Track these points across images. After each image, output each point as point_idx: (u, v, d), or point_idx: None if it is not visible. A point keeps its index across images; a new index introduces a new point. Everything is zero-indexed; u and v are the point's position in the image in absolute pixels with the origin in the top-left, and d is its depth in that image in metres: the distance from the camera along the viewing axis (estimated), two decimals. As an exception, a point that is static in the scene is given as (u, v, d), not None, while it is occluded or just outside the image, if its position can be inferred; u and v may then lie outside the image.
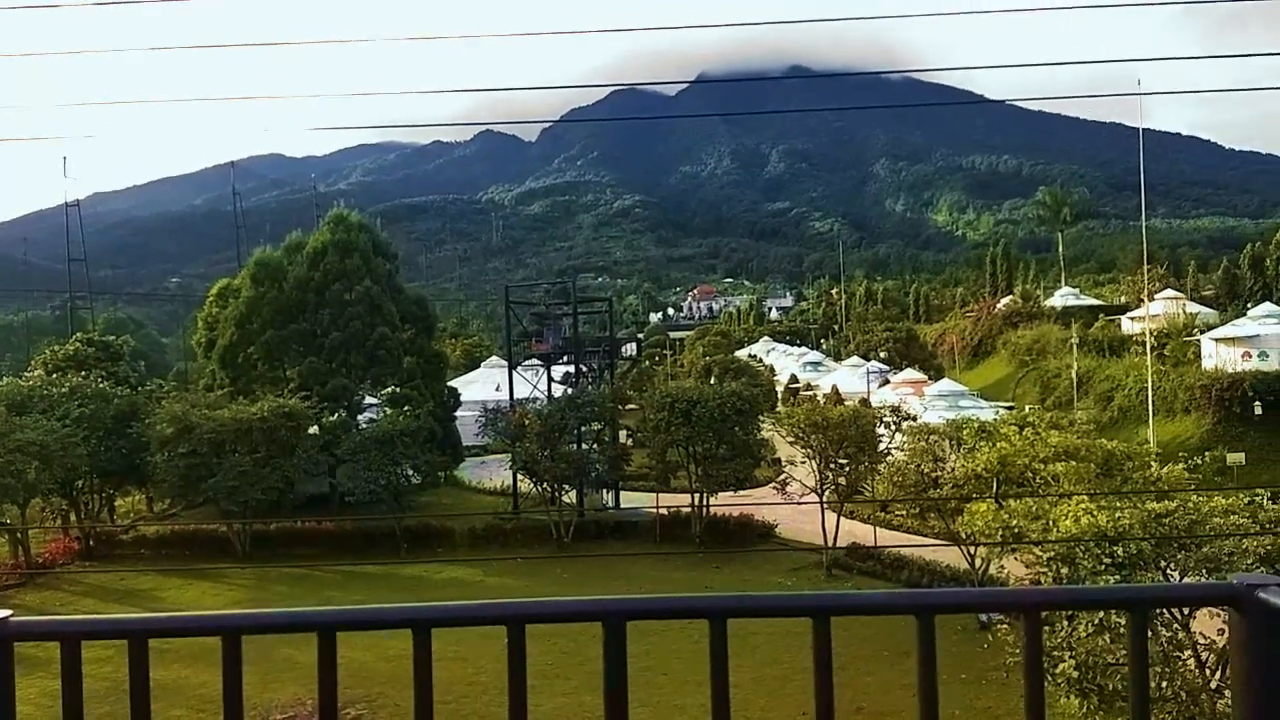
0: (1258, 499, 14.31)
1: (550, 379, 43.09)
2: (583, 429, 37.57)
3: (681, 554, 32.02)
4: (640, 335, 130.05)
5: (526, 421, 35.95)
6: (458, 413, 47.16)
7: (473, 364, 75.44)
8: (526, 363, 46.25)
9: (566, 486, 36.83)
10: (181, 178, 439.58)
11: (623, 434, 40.04)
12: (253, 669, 1.80)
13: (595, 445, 37.94)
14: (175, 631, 1.73)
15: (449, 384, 49.98)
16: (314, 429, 37.42)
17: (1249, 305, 54.03)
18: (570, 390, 40.13)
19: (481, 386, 59.40)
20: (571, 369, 43.38)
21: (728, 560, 31.88)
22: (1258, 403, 40.29)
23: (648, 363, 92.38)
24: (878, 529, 32.88)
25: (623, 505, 39.31)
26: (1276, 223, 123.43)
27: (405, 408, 40.97)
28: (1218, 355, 45.54)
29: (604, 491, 39.83)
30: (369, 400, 43.36)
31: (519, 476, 38.02)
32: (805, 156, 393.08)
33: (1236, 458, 35.40)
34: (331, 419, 39.79)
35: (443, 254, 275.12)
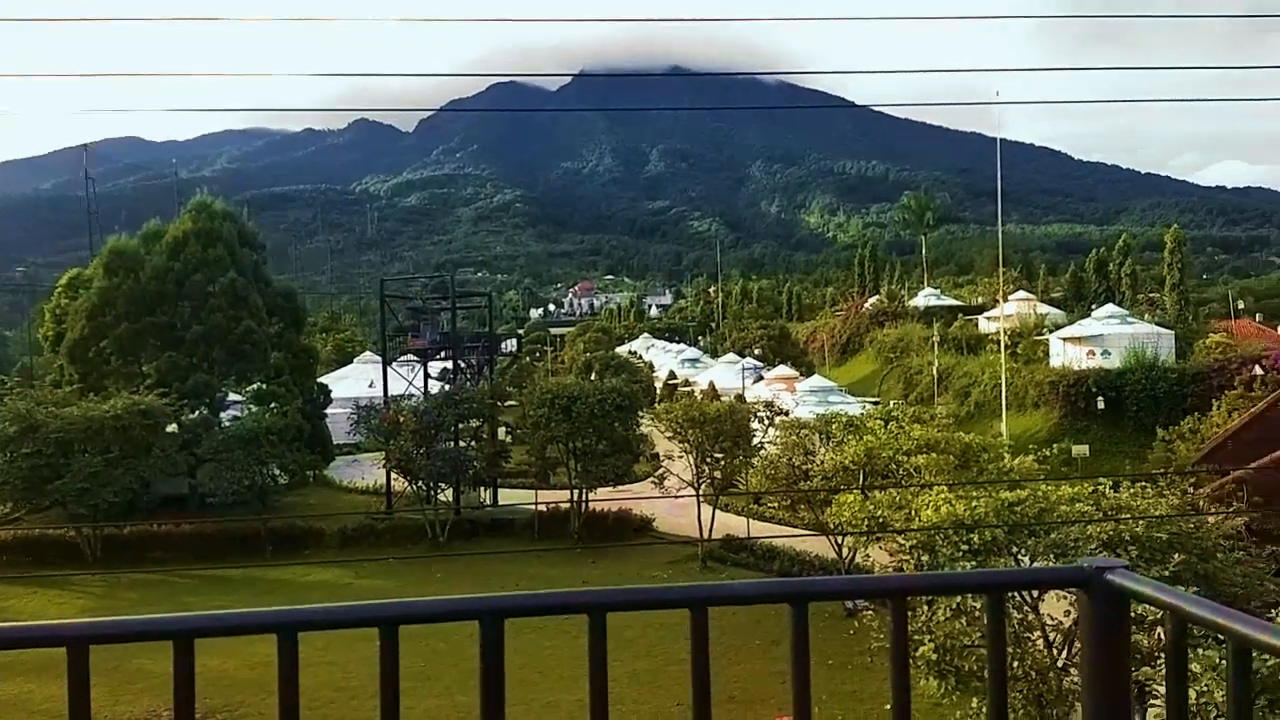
0: (1100, 488, 15.34)
1: (427, 375, 42.26)
2: (460, 426, 36.99)
3: (559, 550, 31.96)
4: (520, 331, 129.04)
5: (401, 419, 35.14)
6: (328, 410, 45.71)
7: (345, 360, 73.29)
8: (402, 359, 45.22)
9: (442, 485, 36.20)
10: (26, 161, 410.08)
11: (502, 431, 39.63)
12: (103, 681, 1.68)
13: (473, 442, 37.44)
14: (17, 642, 1.60)
15: (319, 380, 48.39)
16: (172, 427, 35.57)
17: (1094, 307, 57.76)
18: (448, 387, 39.46)
19: (354, 383, 57.76)
20: (449, 365, 42.67)
21: (605, 555, 32.01)
22: (1100, 398, 43.14)
23: (528, 359, 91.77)
24: (751, 521, 33.63)
25: (501, 503, 38.92)
26: (1120, 230, 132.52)
27: (272, 405, 39.43)
28: (1065, 354, 48.51)
29: (481, 489, 39.35)
30: (233, 397, 41.52)
31: (393, 475, 37.16)
32: (684, 156, 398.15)
33: (1081, 450, 37.80)
34: (192, 417, 37.91)
35: (314, 245, 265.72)
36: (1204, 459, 28.65)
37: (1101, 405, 42.92)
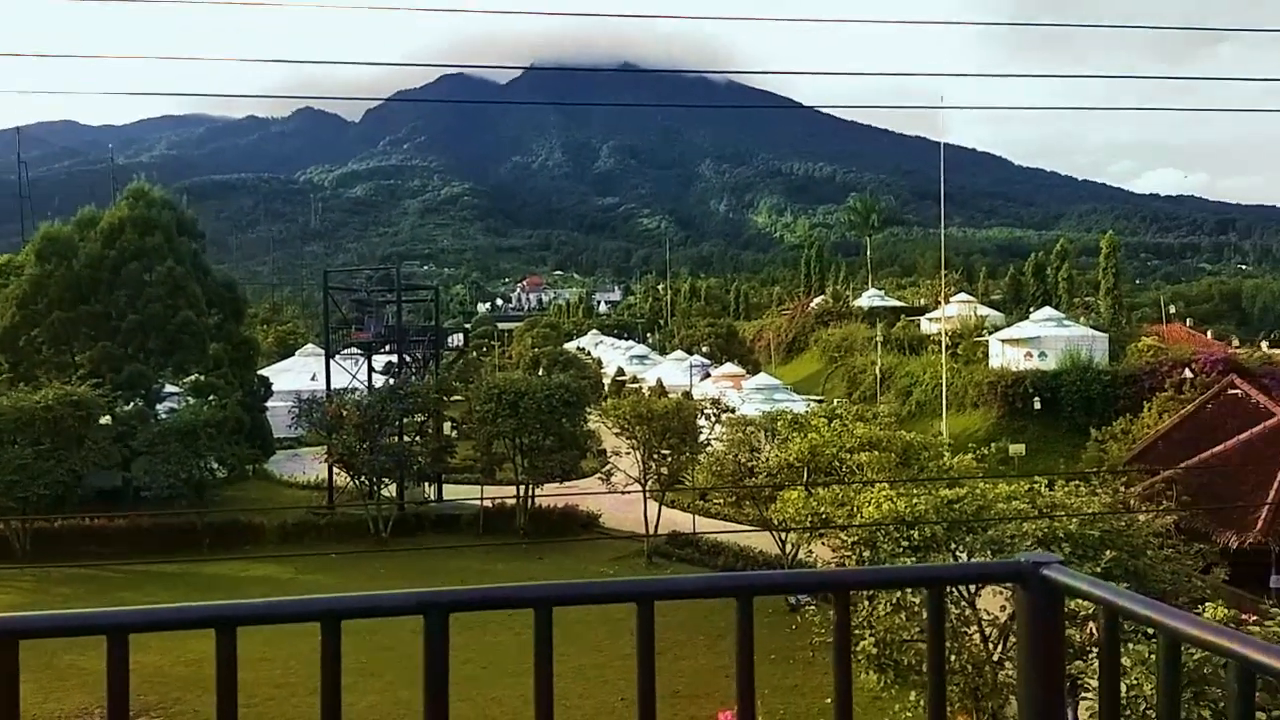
0: (1036, 486, 15.74)
1: (371, 369, 41.72)
2: (405, 421, 36.58)
3: (504, 545, 31.79)
4: (467, 325, 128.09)
5: (344, 412, 34.63)
6: (269, 403, 44.85)
7: (287, 352, 72.01)
8: (345, 352, 44.57)
9: (386, 480, 35.76)
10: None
11: (447, 426, 39.29)
12: (33, 677, 1.63)
13: (418, 437, 37.04)
14: None
15: (260, 372, 47.46)
16: (106, 419, 34.59)
17: (1031, 309, 59.11)
18: (392, 380, 38.97)
19: (296, 376, 56.69)
20: (394, 359, 42.15)
21: (551, 551, 31.92)
22: (1037, 399, 44.20)
23: (474, 353, 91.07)
24: (696, 517, 33.82)
25: (446, 498, 38.58)
26: (1058, 235, 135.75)
27: (210, 397, 38.55)
28: (1003, 355, 49.58)
29: (426, 485, 38.96)
30: (170, 389, 40.52)
31: (335, 470, 36.60)
32: (635, 153, 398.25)
33: (1018, 449, 38.69)
34: (126, 408, 36.92)
35: (256, 235, 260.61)
36: (1135, 459, 29.52)
37: (1038, 406, 43.99)
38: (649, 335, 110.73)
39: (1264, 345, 59.31)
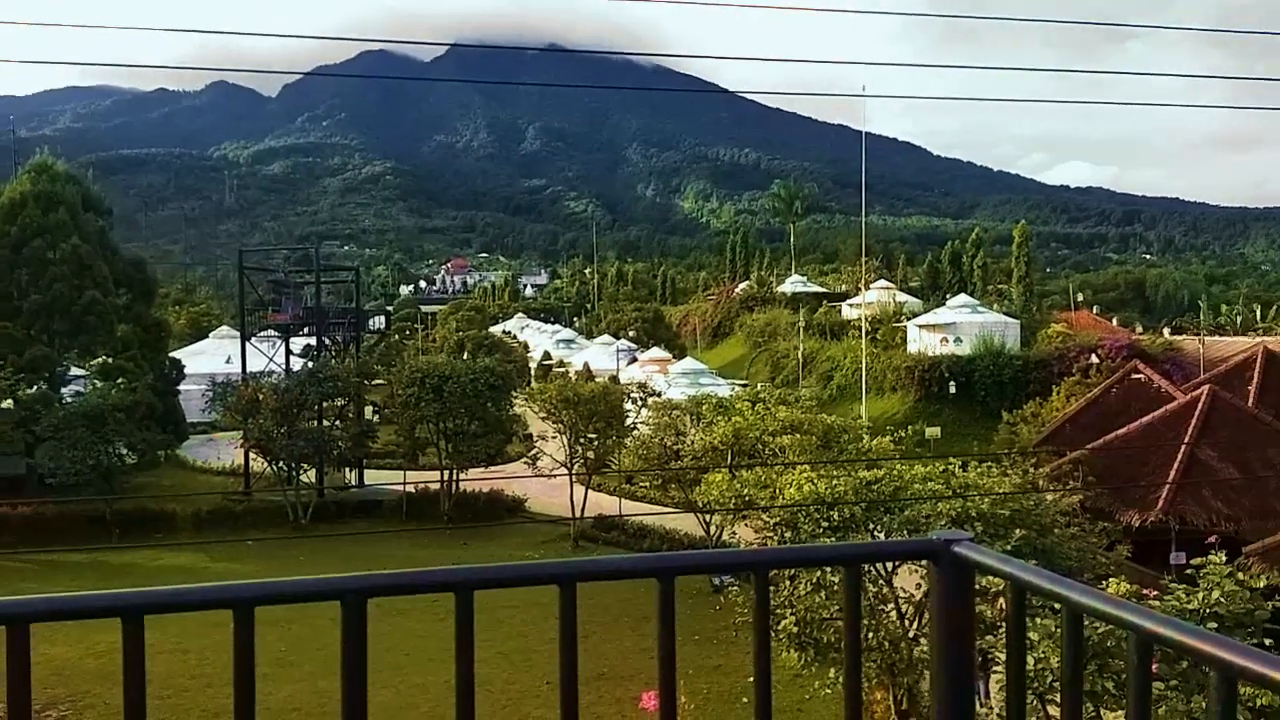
0: (950, 467, 16.23)
1: (289, 351, 40.76)
2: (324, 405, 35.83)
3: (428, 530, 31.44)
4: (390, 308, 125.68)
5: (261, 396, 33.75)
6: (182, 386, 43.40)
7: (200, 334, 69.89)
8: (262, 334, 43.40)
9: (305, 465, 35.03)
10: None
11: (369, 410, 38.61)
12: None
13: (338, 422, 36.32)
14: None
15: (172, 355, 45.88)
16: (7, 403, 33.07)
17: (948, 296, 60.77)
18: (311, 364, 38.11)
19: (210, 358, 55.03)
20: (313, 341, 41.22)
21: (477, 536, 31.70)
22: (952, 383, 45.51)
23: (397, 336, 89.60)
24: (623, 500, 33.96)
25: (368, 484, 37.97)
26: (973, 224, 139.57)
27: (119, 380, 37.14)
28: (921, 340, 50.88)
29: (347, 470, 38.28)
30: (76, 371, 38.93)
31: (252, 455, 35.68)
32: (562, 135, 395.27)
33: (934, 431, 39.80)
34: (29, 392, 35.32)
35: (167, 213, 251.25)
36: (1044, 441, 30.62)
37: (953, 389, 45.30)
38: (576, 319, 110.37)
39: (1166, 332, 62.05)
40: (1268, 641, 9.18)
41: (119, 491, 34.24)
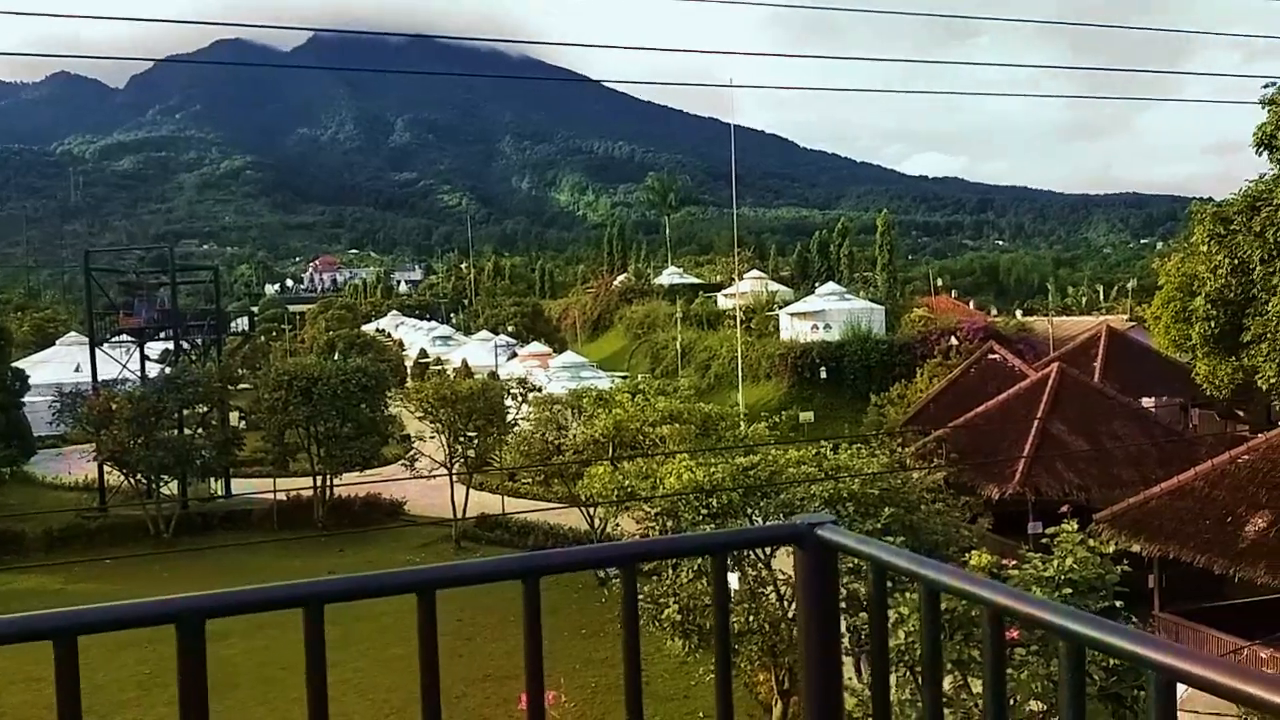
0: (823, 450, 16.74)
1: (144, 357, 38.59)
2: (185, 412, 34.11)
3: (302, 539, 30.32)
4: (254, 308, 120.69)
5: (114, 405, 31.83)
6: (26, 398, 40.49)
7: (46, 341, 65.49)
8: (115, 340, 40.98)
9: (166, 477, 33.29)
10: None
11: (234, 416, 36.96)
12: None
13: (200, 430, 34.65)
14: None
15: (14, 365, 42.73)
16: None
17: (817, 285, 62.67)
18: (169, 369, 36.20)
19: (57, 367, 51.62)
20: (170, 346, 39.19)
21: (355, 542, 30.79)
22: (823, 368, 46.98)
23: (263, 338, 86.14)
24: (506, 498, 33.62)
25: (235, 493, 36.36)
26: (839, 214, 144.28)
27: (-48, 393, 34.41)
28: (793, 328, 52.30)
29: (212, 480, 36.57)
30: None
31: (107, 468, 33.66)
32: (432, 127, 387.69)
33: (807, 416, 40.98)
34: None
35: (7, 213, 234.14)
36: (909, 421, 31.95)
37: (824, 375, 46.77)
38: (453, 315, 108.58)
39: (1018, 314, 65.81)
40: (1119, 603, 9.81)
41: (-44, 513, 31.72)
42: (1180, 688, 1.18)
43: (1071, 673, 1.33)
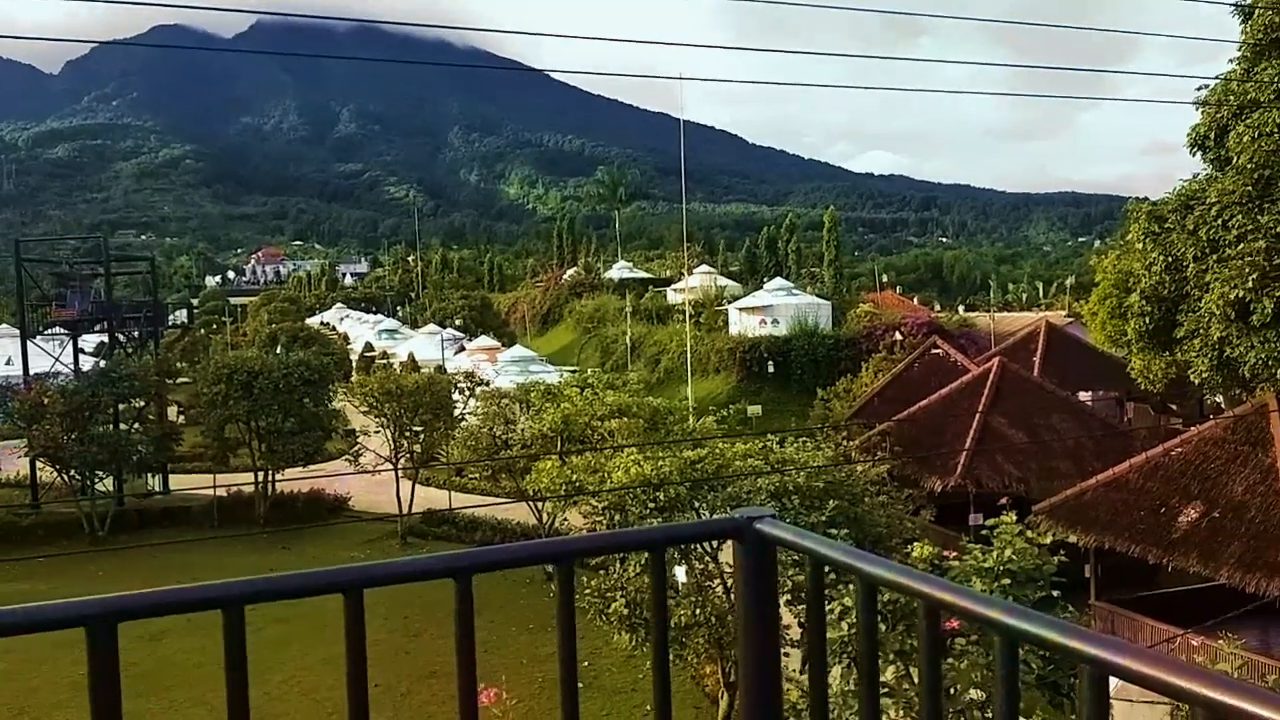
0: (769, 444, 16.85)
1: (78, 350, 37.53)
2: (121, 407, 33.25)
3: (243, 537, 29.75)
4: (194, 300, 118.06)
5: (46, 399, 30.90)
6: (-48, 392, 39.16)
7: (-28, 334, 63.12)
8: (47, 332, 39.80)
9: (102, 473, 32.42)
10: None
11: (173, 411, 36.12)
12: None
13: (137, 424, 33.79)
14: None
15: (-62, 358, 41.31)
16: None
17: (765, 280, 63.09)
18: (104, 362, 35.24)
19: (-15, 360, 49.91)
20: (105, 338, 38.16)
21: (299, 539, 30.28)
22: (771, 363, 47.36)
23: (203, 331, 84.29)
24: (453, 493, 33.33)
25: (174, 489, 35.54)
26: (787, 210, 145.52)
27: (-128, 388, 33.10)
28: (741, 323, 52.62)
29: (149, 476, 35.70)
30: None
31: (40, 464, 32.68)
32: (378, 118, 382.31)
33: (755, 409, 41.21)
34: None
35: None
36: (854, 415, 32.33)
37: (772, 369, 47.16)
38: (399, 309, 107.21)
39: (961, 309, 67.00)
40: (1056, 593, 10.01)
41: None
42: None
43: (1005, 665, 1.33)
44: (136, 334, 39.87)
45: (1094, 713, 1.23)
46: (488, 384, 36.33)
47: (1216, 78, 21.21)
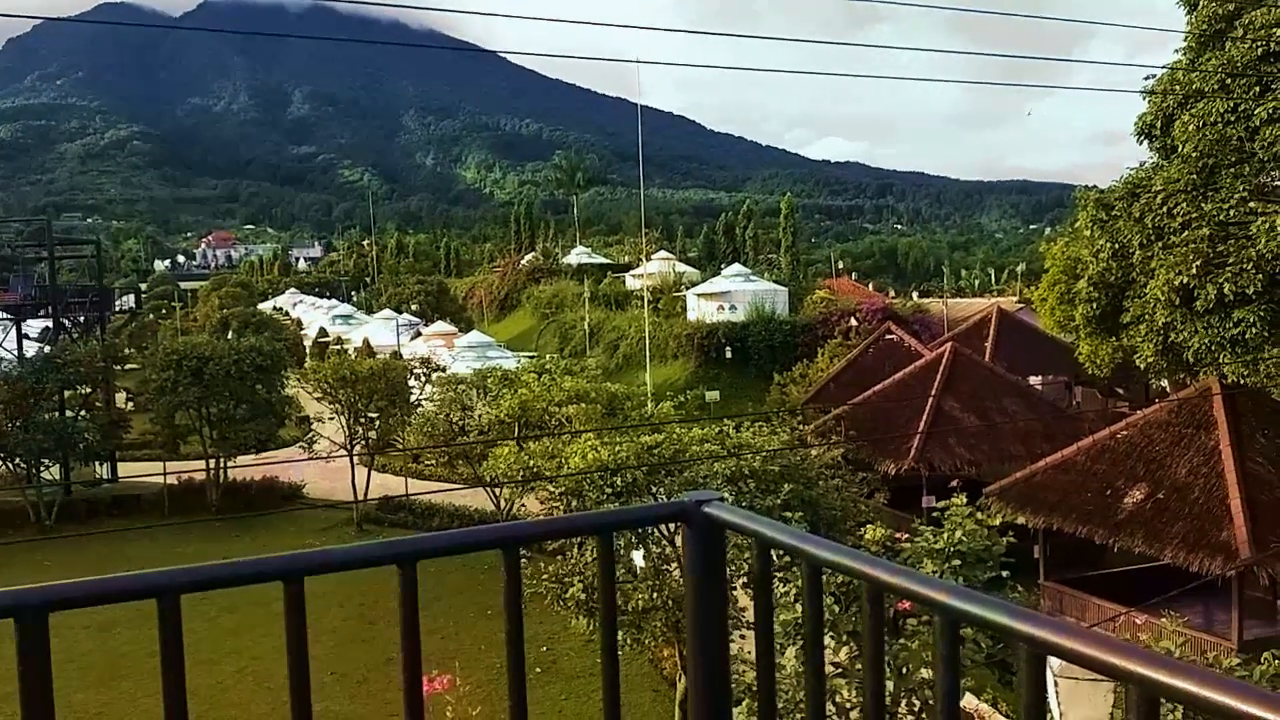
0: (726, 428, 16.93)
1: (21, 335, 36.54)
2: (67, 394, 32.48)
3: (194, 524, 29.26)
4: (142, 285, 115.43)
5: (-12, 387, 30.09)
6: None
7: (-91, 318, 61.16)
8: (-12, 317, 38.60)
9: (47, 461, 31.68)
10: None
11: (121, 397, 35.36)
12: None
13: (84, 411, 33.04)
14: None
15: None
16: None
17: (723, 266, 63.29)
18: (49, 348, 34.37)
19: (-77, 346, 48.41)
20: (50, 323, 37.21)
21: (253, 526, 29.88)
22: (729, 348, 47.57)
23: (151, 316, 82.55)
24: (409, 480, 33.07)
25: (123, 477, 34.83)
26: (744, 196, 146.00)
27: None
28: (699, 308, 52.74)
29: (97, 464, 34.95)
30: None
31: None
32: (332, 100, 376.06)
33: (713, 395, 41.44)
34: None
35: None
36: (810, 400, 32.62)
37: (730, 354, 47.37)
38: (354, 294, 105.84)
39: (915, 295, 67.83)
40: (1005, 573, 10.21)
41: None
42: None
43: (947, 645, 1.35)
44: (82, 319, 38.95)
45: (1031, 691, 1.25)
46: (444, 370, 36.04)
47: (1163, 67, 21.62)
